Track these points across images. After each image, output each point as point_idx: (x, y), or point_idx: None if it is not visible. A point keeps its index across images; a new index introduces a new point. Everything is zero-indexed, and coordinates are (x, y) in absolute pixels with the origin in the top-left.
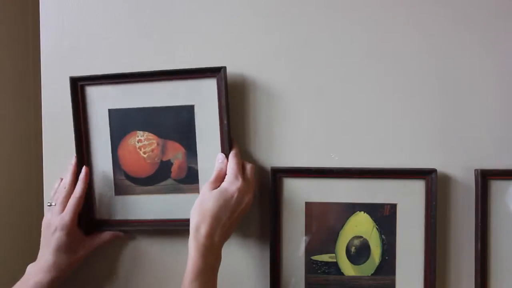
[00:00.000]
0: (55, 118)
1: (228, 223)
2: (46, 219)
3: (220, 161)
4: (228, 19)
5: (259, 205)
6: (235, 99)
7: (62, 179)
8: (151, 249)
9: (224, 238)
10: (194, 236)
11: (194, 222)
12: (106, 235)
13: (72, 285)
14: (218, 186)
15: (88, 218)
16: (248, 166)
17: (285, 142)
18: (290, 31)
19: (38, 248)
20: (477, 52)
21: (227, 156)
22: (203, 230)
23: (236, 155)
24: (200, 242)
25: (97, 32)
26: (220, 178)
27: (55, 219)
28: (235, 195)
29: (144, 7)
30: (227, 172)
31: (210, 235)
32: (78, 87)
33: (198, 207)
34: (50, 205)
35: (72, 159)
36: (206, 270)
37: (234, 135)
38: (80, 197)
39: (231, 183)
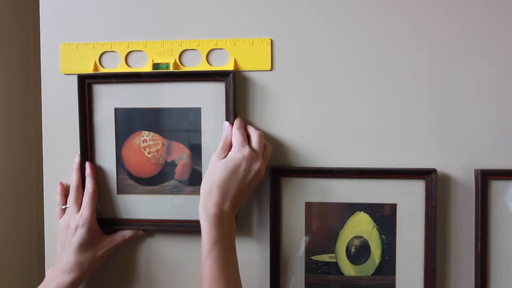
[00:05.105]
0: (55, 117)
1: (237, 192)
2: (63, 222)
3: (226, 129)
4: (229, 20)
5: (259, 205)
6: (236, 98)
7: (61, 183)
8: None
9: (235, 207)
10: (203, 208)
11: (202, 193)
12: (127, 233)
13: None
14: (225, 156)
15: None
16: (255, 134)
17: (285, 142)
18: (289, 32)
19: (38, 248)
20: (477, 51)
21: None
22: (212, 200)
23: (240, 126)
24: (209, 213)
25: (98, 31)
26: (226, 147)
27: (74, 219)
28: (243, 164)
29: (144, 10)
30: (233, 142)
31: (219, 204)
32: (86, 84)
33: (206, 179)
34: (65, 208)
35: (76, 158)
36: (221, 238)
37: None
38: (94, 192)
39: (237, 152)
